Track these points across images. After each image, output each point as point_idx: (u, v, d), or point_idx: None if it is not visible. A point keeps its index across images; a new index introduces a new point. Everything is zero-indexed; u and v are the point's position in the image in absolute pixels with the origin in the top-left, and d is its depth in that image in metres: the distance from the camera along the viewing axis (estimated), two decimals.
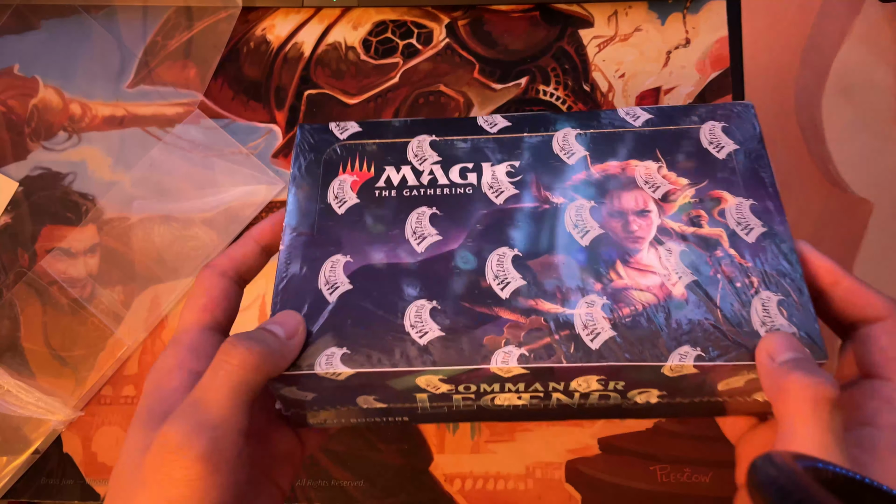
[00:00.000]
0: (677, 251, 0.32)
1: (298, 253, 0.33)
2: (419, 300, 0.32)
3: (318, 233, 0.33)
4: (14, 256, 0.46)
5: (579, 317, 0.31)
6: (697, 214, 0.33)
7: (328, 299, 0.32)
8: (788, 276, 0.31)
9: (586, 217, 0.33)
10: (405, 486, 0.44)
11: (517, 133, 0.36)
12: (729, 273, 0.31)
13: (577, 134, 0.35)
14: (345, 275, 0.32)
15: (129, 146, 0.47)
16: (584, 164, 0.35)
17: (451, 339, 0.30)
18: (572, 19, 0.48)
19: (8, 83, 0.48)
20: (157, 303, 0.46)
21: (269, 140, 0.47)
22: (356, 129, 0.36)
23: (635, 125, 0.35)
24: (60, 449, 0.46)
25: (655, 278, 0.32)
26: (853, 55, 0.47)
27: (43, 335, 0.45)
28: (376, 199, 0.34)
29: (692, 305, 0.31)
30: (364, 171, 0.35)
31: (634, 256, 0.32)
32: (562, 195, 0.34)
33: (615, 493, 0.44)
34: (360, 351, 0.30)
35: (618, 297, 0.31)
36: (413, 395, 0.32)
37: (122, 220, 0.46)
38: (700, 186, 0.33)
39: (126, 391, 0.46)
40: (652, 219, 0.33)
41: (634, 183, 0.34)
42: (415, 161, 0.35)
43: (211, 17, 0.48)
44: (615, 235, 0.33)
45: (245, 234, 0.34)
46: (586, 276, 0.32)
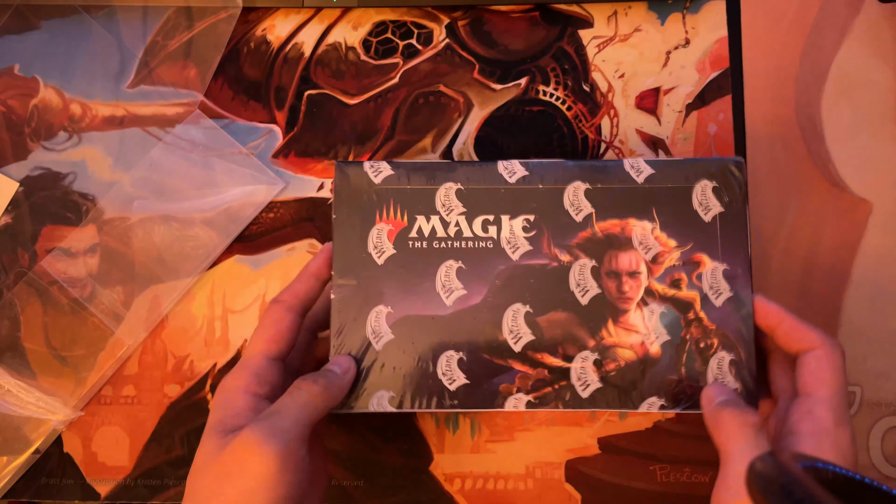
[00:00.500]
0: (658, 312, 0.38)
1: (348, 303, 0.38)
2: (448, 351, 0.38)
3: (362, 282, 0.38)
4: (14, 256, 0.46)
5: (575, 371, 0.37)
6: (678, 278, 0.38)
7: (376, 347, 0.38)
8: (742, 338, 0.37)
9: (587, 277, 0.38)
10: (405, 485, 0.44)
11: (533, 185, 0.39)
12: (696, 335, 0.38)
13: (586, 189, 0.39)
14: (387, 325, 0.38)
15: (129, 146, 0.47)
16: (589, 222, 0.38)
17: (473, 387, 0.38)
18: (572, 19, 0.48)
19: (8, 83, 0.48)
20: (157, 303, 0.46)
21: (269, 140, 0.48)
22: (389, 173, 0.39)
23: (638, 181, 0.39)
24: (61, 449, 0.46)
25: (638, 337, 0.38)
26: (853, 55, 0.47)
27: (43, 335, 0.45)
28: (410, 250, 0.39)
29: (664, 362, 0.37)
30: (398, 220, 0.39)
31: (623, 316, 0.38)
32: (568, 253, 0.38)
33: (615, 493, 0.44)
34: (403, 394, 0.37)
35: (606, 354, 0.38)
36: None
37: (123, 220, 0.46)
38: (685, 250, 0.38)
39: (126, 391, 0.46)
40: (641, 280, 0.38)
41: (630, 243, 0.38)
42: (442, 211, 0.39)
43: (211, 18, 0.48)
44: (609, 295, 0.38)
45: (304, 270, 0.39)
46: (583, 334, 0.38)
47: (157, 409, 0.46)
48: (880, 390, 0.44)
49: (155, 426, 0.46)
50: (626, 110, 0.47)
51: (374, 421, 0.45)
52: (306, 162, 0.47)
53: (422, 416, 0.45)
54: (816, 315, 0.44)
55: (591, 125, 0.47)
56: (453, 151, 0.47)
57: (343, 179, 0.39)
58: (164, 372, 0.46)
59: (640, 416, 0.44)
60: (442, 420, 0.45)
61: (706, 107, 0.47)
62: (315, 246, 0.47)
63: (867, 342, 0.44)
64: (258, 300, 0.46)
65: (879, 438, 0.44)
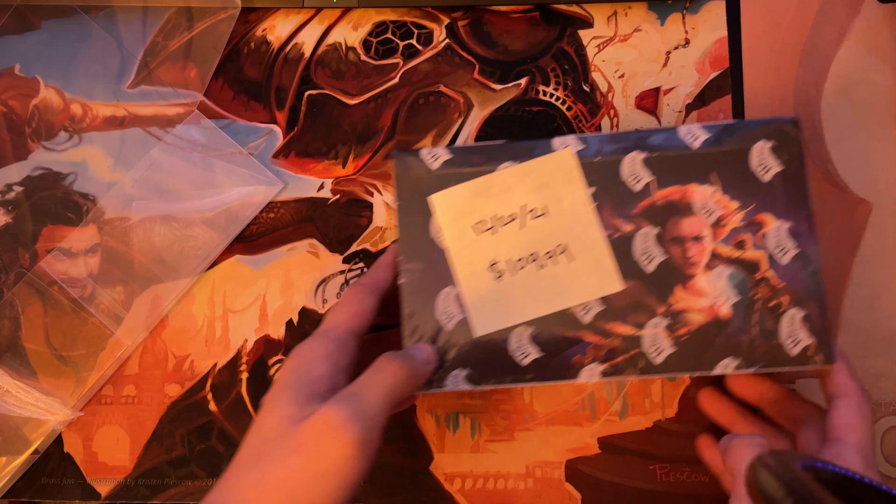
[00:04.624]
0: (725, 274, 0.38)
1: (417, 286, 0.39)
2: (519, 326, 0.38)
3: (429, 266, 0.39)
4: (15, 256, 0.46)
5: (647, 338, 0.38)
6: (743, 239, 0.38)
7: (447, 328, 0.38)
8: (812, 295, 0.37)
9: (652, 245, 0.38)
10: (405, 485, 0.44)
11: (589, 158, 0.39)
12: (765, 294, 0.37)
13: (644, 158, 0.39)
14: (457, 305, 0.38)
15: (130, 146, 0.47)
16: (648, 191, 0.39)
17: (546, 360, 0.38)
18: (572, 20, 0.48)
19: (9, 83, 0.48)
20: (157, 303, 0.46)
21: (269, 140, 0.48)
22: (446, 157, 0.40)
23: (694, 146, 0.39)
24: (61, 448, 0.46)
25: (707, 300, 0.38)
26: (852, 55, 0.47)
27: (44, 335, 0.46)
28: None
29: (735, 323, 0.37)
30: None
31: (690, 281, 0.38)
32: (630, 222, 0.38)
33: (615, 493, 0.44)
34: (478, 371, 0.38)
35: (676, 319, 0.38)
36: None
37: (123, 220, 0.46)
38: (748, 210, 0.38)
39: (126, 391, 0.46)
40: (706, 244, 0.38)
41: (692, 208, 0.38)
42: (502, 192, 0.39)
43: (211, 18, 0.48)
44: (675, 261, 0.38)
45: (378, 262, 0.40)
46: (652, 301, 0.38)
47: (157, 408, 0.46)
48: (880, 390, 0.44)
49: (155, 426, 0.46)
50: (626, 110, 0.47)
51: None
52: (306, 162, 0.47)
53: (422, 416, 0.45)
54: None
55: (591, 125, 0.47)
56: None
57: (402, 169, 0.40)
58: (165, 372, 0.46)
59: (639, 415, 0.44)
60: (442, 420, 0.45)
61: (706, 107, 0.47)
62: (315, 246, 0.47)
63: (867, 342, 0.44)
64: (258, 300, 0.46)
65: (879, 438, 0.44)
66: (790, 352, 0.37)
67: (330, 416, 0.31)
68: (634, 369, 0.37)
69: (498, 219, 0.39)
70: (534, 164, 0.39)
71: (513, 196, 0.39)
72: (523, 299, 0.38)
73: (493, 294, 0.38)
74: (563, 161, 0.39)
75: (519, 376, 0.38)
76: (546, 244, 0.39)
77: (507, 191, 0.39)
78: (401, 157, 0.40)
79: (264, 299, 0.46)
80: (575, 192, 0.39)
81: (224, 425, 0.45)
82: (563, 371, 0.38)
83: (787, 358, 0.37)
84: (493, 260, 0.39)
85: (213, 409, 0.46)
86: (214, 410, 0.46)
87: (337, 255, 0.47)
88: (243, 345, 0.46)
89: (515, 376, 0.38)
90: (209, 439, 0.45)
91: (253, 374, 0.46)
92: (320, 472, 0.30)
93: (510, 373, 0.38)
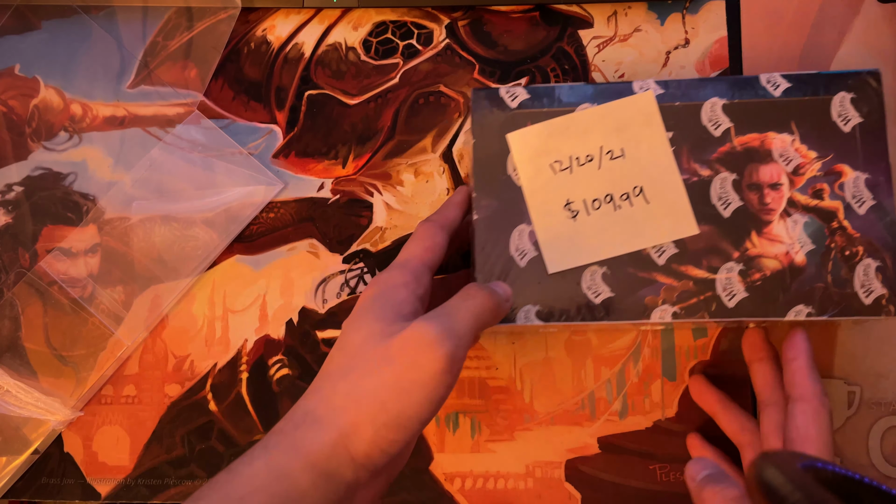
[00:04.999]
0: (801, 222, 0.38)
1: (490, 223, 0.39)
2: (592, 265, 0.39)
3: (503, 203, 0.39)
4: (15, 256, 0.46)
5: (720, 281, 0.38)
6: (820, 188, 0.38)
7: (520, 264, 0.39)
8: (887, 246, 0.38)
9: (729, 190, 0.39)
10: (405, 485, 0.44)
11: (670, 102, 0.40)
12: (840, 243, 0.38)
13: (724, 104, 0.39)
14: (530, 242, 0.39)
15: (130, 146, 0.47)
16: (728, 136, 0.39)
17: (619, 299, 0.38)
18: (572, 20, 0.48)
19: (9, 83, 0.48)
20: (157, 303, 0.46)
21: (269, 140, 0.48)
22: (525, 96, 0.40)
23: (775, 95, 0.39)
24: (61, 448, 0.46)
25: (782, 247, 0.38)
26: (853, 55, 0.47)
27: (44, 335, 0.46)
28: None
29: (809, 271, 0.38)
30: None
31: (766, 227, 0.38)
32: (708, 167, 0.39)
33: (615, 492, 0.44)
34: (549, 308, 0.39)
35: (750, 264, 0.38)
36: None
37: (123, 220, 0.46)
38: (826, 160, 0.39)
39: (126, 391, 0.46)
40: (783, 192, 0.39)
41: (771, 156, 0.39)
42: (580, 133, 0.40)
43: (211, 18, 0.48)
44: (752, 207, 0.38)
45: (448, 201, 0.41)
46: (727, 246, 0.38)
47: (157, 408, 0.46)
48: (880, 390, 0.44)
49: (155, 426, 0.46)
50: None
51: None
52: (306, 162, 0.47)
53: None
54: None
55: None
56: (453, 152, 0.47)
57: (479, 107, 0.40)
58: (165, 372, 0.46)
59: (639, 415, 0.44)
60: (442, 420, 0.45)
61: None
62: (315, 246, 0.47)
63: (867, 342, 0.44)
64: (258, 300, 0.46)
65: (879, 438, 0.44)
66: (863, 301, 0.38)
67: (423, 331, 0.32)
68: (706, 312, 0.38)
69: (575, 159, 0.39)
70: (613, 106, 0.40)
71: (590, 137, 0.40)
72: (597, 239, 0.39)
73: (567, 233, 0.39)
74: (643, 104, 0.40)
75: (589, 314, 0.38)
76: (622, 186, 0.39)
77: (585, 132, 0.40)
78: (479, 95, 0.41)
79: (264, 299, 0.46)
80: (653, 135, 0.39)
81: (224, 425, 0.45)
82: (635, 311, 0.38)
83: (860, 307, 0.38)
84: (569, 199, 0.39)
85: (213, 409, 0.46)
86: (214, 410, 0.46)
87: (337, 255, 0.47)
88: (243, 345, 0.46)
89: (586, 314, 0.38)
90: (209, 439, 0.45)
91: (253, 374, 0.46)
92: (411, 383, 0.31)
93: (581, 311, 0.38)
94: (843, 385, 0.44)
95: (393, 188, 0.47)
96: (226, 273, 0.47)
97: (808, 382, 0.37)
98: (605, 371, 0.45)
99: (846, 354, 0.44)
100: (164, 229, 0.46)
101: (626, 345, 0.45)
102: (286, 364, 0.46)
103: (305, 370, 0.46)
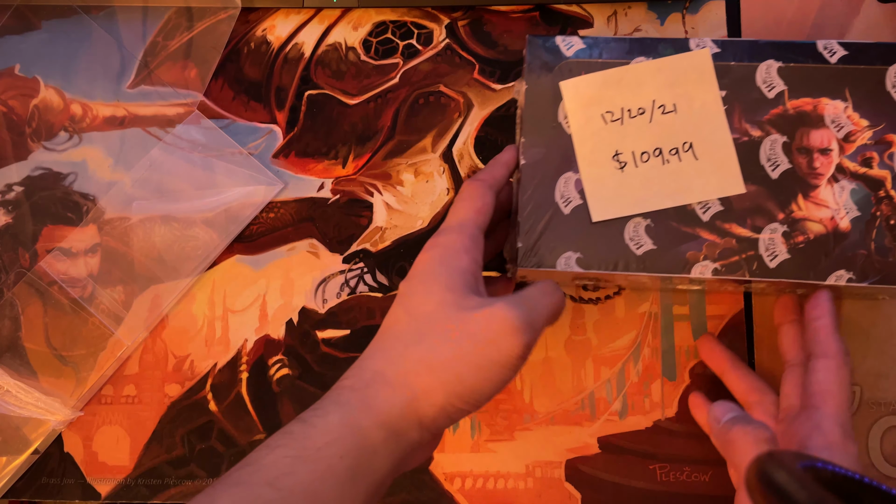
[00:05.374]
0: (848, 189, 0.39)
1: (538, 168, 0.40)
2: (636, 217, 0.39)
3: (552, 150, 0.40)
4: (15, 256, 0.46)
5: (763, 241, 0.38)
6: (870, 156, 0.39)
7: (564, 211, 0.39)
8: None
9: (778, 152, 0.39)
10: (405, 485, 0.45)
11: (725, 62, 0.40)
12: (886, 212, 0.38)
13: (779, 67, 0.40)
14: (576, 190, 0.39)
15: (130, 146, 0.47)
16: (781, 99, 0.39)
17: (660, 253, 0.39)
18: (572, 20, 0.48)
19: (9, 83, 0.48)
20: (157, 303, 0.46)
21: (269, 140, 0.48)
22: (580, 47, 0.41)
23: (831, 61, 0.40)
24: (61, 448, 0.46)
25: (828, 212, 0.38)
26: None
27: (44, 335, 0.46)
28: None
29: (853, 237, 0.38)
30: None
31: (813, 191, 0.39)
32: (759, 128, 0.39)
33: (615, 492, 0.44)
34: (590, 256, 0.39)
35: (795, 226, 0.38)
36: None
37: (123, 220, 0.46)
38: (878, 129, 0.39)
39: (126, 391, 0.46)
40: (833, 157, 0.39)
41: (822, 121, 0.39)
42: (633, 86, 0.40)
43: (211, 18, 0.48)
44: (800, 170, 0.39)
45: (494, 160, 0.40)
46: (772, 206, 0.39)
47: (157, 408, 0.46)
48: (879, 390, 0.44)
49: (155, 426, 0.46)
50: None
51: None
52: (307, 162, 0.47)
53: None
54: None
55: None
56: (453, 152, 0.47)
57: (534, 53, 0.41)
58: (165, 372, 0.46)
59: (639, 415, 0.44)
60: None
61: None
62: (315, 246, 0.47)
63: (867, 342, 0.44)
64: (258, 300, 0.46)
65: (879, 438, 0.44)
66: None
67: (510, 315, 0.32)
68: (747, 270, 0.38)
69: (626, 111, 0.40)
70: (668, 61, 0.40)
71: (644, 90, 0.40)
72: (643, 191, 0.39)
73: (613, 183, 0.39)
74: (699, 61, 0.40)
75: (630, 265, 0.38)
76: (672, 140, 0.39)
77: (639, 85, 0.40)
78: (534, 42, 0.41)
79: (264, 299, 0.46)
80: (707, 92, 0.39)
81: (224, 425, 0.45)
82: (676, 265, 0.38)
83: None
84: (618, 150, 0.39)
85: (213, 409, 0.46)
86: (214, 410, 0.46)
87: (337, 255, 0.47)
88: (243, 345, 0.46)
89: (627, 264, 0.38)
90: (209, 439, 0.45)
91: (253, 374, 0.46)
92: (489, 361, 0.32)
93: (622, 261, 0.39)
94: None
95: (393, 188, 0.47)
96: (226, 273, 0.47)
97: (832, 340, 0.37)
98: (605, 371, 0.45)
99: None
100: (164, 229, 0.46)
101: (626, 345, 0.45)
102: (286, 364, 0.46)
103: (305, 370, 0.46)
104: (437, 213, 0.47)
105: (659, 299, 0.45)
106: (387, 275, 0.46)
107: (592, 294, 0.45)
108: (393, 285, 0.46)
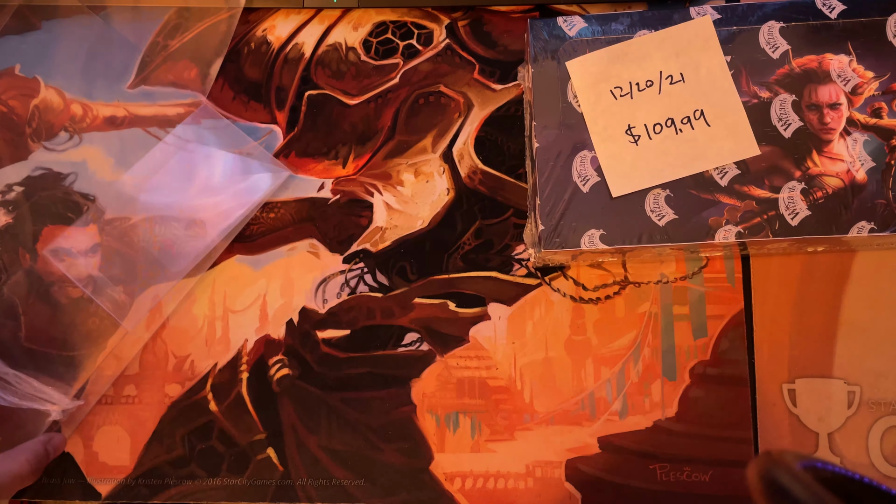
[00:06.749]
0: (861, 140, 0.39)
1: (552, 148, 0.40)
2: (655, 189, 0.40)
3: (564, 130, 0.40)
4: (15, 256, 0.46)
5: (783, 200, 0.39)
6: (879, 107, 0.39)
7: (582, 189, 0.40)
8: None
9: (789, 111, 0.40)
10: (405, 484, 0.45)
11: (727, 27, 0.41)
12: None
13: (781, 28, 0.40)
14: (592, 168, 0.40)
15: (130, 146, 0.47)
16: (786, 58, 0.40)
17: (682, 221, 0.39)
18: None
19: (9, 83, 0.48)
20: (157, 303, 0.46)
21: (269, 140, 0.48)
22: (583, 24, 0.41)
23: (831, 17, 0.40)
24: None
25: (843, 165, 0.39)
26: None
27: (44, 335, 0.46)
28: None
29: (870, 188, 0.39)
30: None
31: (827, 146, 0.39)
32: (767, 89, 0.40)
33: (615, 492, 0.44)
34: (613, 232, 0.39)
35: (812, 183, 0.39)
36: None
37: (123, 220, 0.46)
38: (883, 79, 0.40)
39: (127, 391, 0.46)
40: (842, 111, 0.40)
41: (829, 77, 0.40)
42: (639, 59, 0.41)
43: (212, 18, 0.48)
44: (812, 127, 0.40)
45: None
46: (788, 165, 0.39)
47: (157, 408, 0.46)
48: (880, 390, 0.44)
49: (156, 426, 0.46)
50: None
51: (374, 421, 0.45)
52: (307, 162, 0.47)
53: (422, 416, 0.45)
54: (816, 315, 0.45)
55: None
56: (453, 152, 0.47)
57: (537, 36, 0.41)
58: (165, 372, 0.46)
59: (639, 415, 0.44)
60: (442, 419, 0.45)
61: None
62: (315, 246, 0.47)
63: (867, 342, 0.44)
64: (258, 300, 0.46)
65: (879, 438, 0.44)
66: None
67: None
68: (770, 231, 0.39)
69: (635, 84, 0.40)
70: (671, 31, 0.40)
71: (650, 62, 0.40)
72: (660, 162, 0.40)
73: (629, 157, 0.40)
74: (701, 29, 0.40)
75: (654, 237, 0.39)
76: (683, 109, 0.40)
77: (645, 57, 0.40)
78: (536, 25, 0.41)
79: (264, 299, 0.46)
80: (712, 59, 0.40)
81: (224, 425, 0.45)
82: (699, 232, 0.39)
83: None
84: (630, 124, 0.40)
85: (213, 409, 0.46)
86: (215, 410, 0.46)
87: (337, 255, 0.47)
88: (243, 345, 0.46)
89: (651, 236, 0.39)
90: (209, 439, 0.45)
91: (253, 374, 0.46)
92: None
93: (645, 233, 0.39)
94: (843, 385, 0.44)
95: (393, 188, 0.47)
96: (226, 273, 0.47)
97: None
98: (605, 371, 0.45)
99: (846, 354, 0.44)
100: (164, 229, 0.46)
101: (626, 345, 0.45)
102: (286, 364, 0.46)
103: (306, 370, 0.46)
104: (437, 213, 0.47)
105: (659, 299, 0.45)
106: (387, 275, 0.46)
107: (592, 294, 0.45)
108: (393, 285, 0.46)
